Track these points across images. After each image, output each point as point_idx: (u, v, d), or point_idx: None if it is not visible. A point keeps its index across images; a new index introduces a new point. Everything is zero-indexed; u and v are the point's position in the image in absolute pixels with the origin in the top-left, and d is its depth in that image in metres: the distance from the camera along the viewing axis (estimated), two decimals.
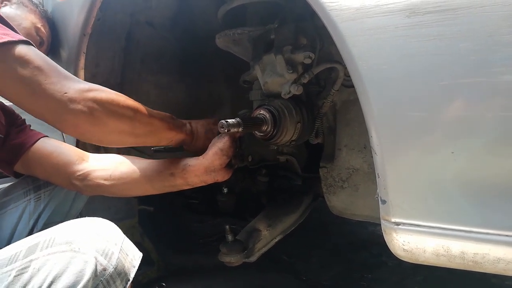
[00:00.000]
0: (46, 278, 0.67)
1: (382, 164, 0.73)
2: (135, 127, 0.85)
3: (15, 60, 0.75)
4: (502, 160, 0.64)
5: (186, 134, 0.98)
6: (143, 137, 0.89)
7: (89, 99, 0.78)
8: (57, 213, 1.14)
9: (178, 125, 0.96)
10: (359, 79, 0.72)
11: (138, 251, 0.83)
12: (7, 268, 0.69)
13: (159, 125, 0.90)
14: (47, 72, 0.77)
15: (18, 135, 1.09)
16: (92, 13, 1.22)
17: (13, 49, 0.75)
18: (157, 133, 0.91)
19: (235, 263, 1.19)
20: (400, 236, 0.74)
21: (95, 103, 0.78)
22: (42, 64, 0.77)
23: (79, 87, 0.79)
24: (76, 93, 0.77)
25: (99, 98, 0.79)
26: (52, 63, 0.79)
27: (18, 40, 0.77)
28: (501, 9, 0.59)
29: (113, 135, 0.84)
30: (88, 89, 0.79)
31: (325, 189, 1.25)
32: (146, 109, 0.88)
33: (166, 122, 0.92)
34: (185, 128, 0.98)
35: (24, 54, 0.76)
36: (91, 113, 0.78)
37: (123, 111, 0.83)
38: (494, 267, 0.67)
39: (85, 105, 0.77)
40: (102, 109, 0.79)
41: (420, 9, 0.64)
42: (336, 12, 0.72)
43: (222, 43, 1.24)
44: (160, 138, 0.93)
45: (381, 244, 0.80)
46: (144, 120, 0.87)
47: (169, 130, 0.93)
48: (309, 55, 1.05)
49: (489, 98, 0.63)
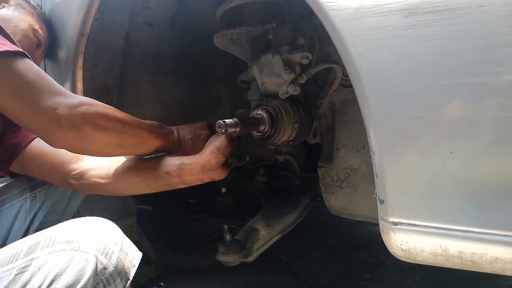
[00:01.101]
0: (47, 277, 0.67)
1: (381, 164, 0.73)
2: (122, 139, 0.87)
3: (9, 72, 0.75)
4: (501, 160, 0.64)
5: (173, 143, 0.99)
6: (130, 148, 0.92)
7: (79, 115, 0.80)
8: (53, 212, 1.14)
9: (166, 133, 0.98)
10: (357, 79, 0.72)
11: (138, 251, 0.83)
12: (8, 266, 0.70)
13: (147, 135, 0.92)
14: (39, 87, 0.77)
15: (13, 135, 1.08)
16: (91, 13, 1.22)
17: (9, 61, 0.76)
18: (145, 143, 0.93)
19: (233, 263, 1.19)
20: (398, 235, 0.74)
21: (84, 119, 0.80)
22: (35, 79, 0.77)
23: (70, 103, 0.80)
24: (66, 110, 0.78)
25: (88, 114, 0.81)
26: (45, 77, 0.80)
27: (13, 51, 0.77)
28: (500, 9, 0.59)
29: (101, 147, 0.87)
30: (79, 104, 0.81)
31: (324, 189, 1.25)
32: (134, 120, 0.90)
33: (154, 132, 0.94)
34: (172, 136, 0.99)
35: (19, 67, 0.76)
36: (80, 129, 0.80)
37: (111, 125, 0.85)
38: (491, 266, 0.67)
39: (74, 122, 0.79)
40: (90, 125, 0.81)
41: (418, 9, 0.64)
42: (334, 12, 0.72)
43: (220, 43, 1.24)
44: (148, 148, 0.94)
45: (379, 244, 0.80)
46: (131, 132, 0.89)
47: (156, 139, 0.94)
48: (307, 55, 1.05)
49: (488, 98, 0.63)
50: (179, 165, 0.95)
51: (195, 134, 1.03)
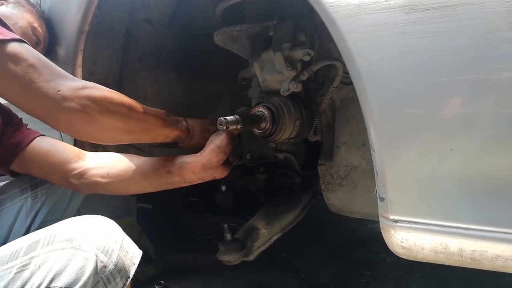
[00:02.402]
0: (47, 275, 0.67)
1: (381, 162, 0.73)
2: (129, 124, 0.85)
3: (8, 58, 0.75)
4: (501, 158, 0.64)
5: (182, 131, 0.97)
6: (138, 134, 0.89)
7: (83, 97, 0.78)
8: (54, 211, 1.14)
9: (173, 121, 0.96)
10: (358, 76, 0.71)
11: (138, 249, 0.83)
12: (8, 265, 0.69)
13: (154, 122, 0.90)
14: (41, 70, 0.76)
15: (14, 134, 1.08)
16: (90, 10, 1.22)
17: (6, 47, 0.75)
18: (152, 130, 0.91)
19: (234, 262, 1.19)
20: (398, 233, 0.74)
21: (89, 101, 0.78)
22: (35, 62, 0.76)
23: (73, 85, 0.78)
24: (70, 91, 0.77)
25: (93, 96, 0.79)
26: (46, 61, 0.79)
27: (11, 38, 0.76)
28: (500, 6, 0.59)
29: (107, 133, 0.84)
30: (82, 86, 0.79)
31: (324, 187, 1.25)
32: (141, 106, 0.88)
33: (161, 119, 0.92)
34: (180, 125, 0.97)
35: (18, 52, 0.76)
36: (85, 111, 0.78)
37: (117, 109, 0.83)
38: (492, 264, 0.67)
39: (79, 103, 0.77)
40: (96, 107, 0.79)
41: (419, 5, 0.64)
42: (334, 9, 0.71)
43: (221, 40, 1.24)
44: (155, 135, 0.93)
45: (379, 241, 0.80)
46: (138, 117, 0.87)
47: (164, 127, 0.92)
48: (308, 52, 1.05)
49: (488, 95, 0.63)
50: (180, 163, 0.95)
51: (204, 128, 1.01)
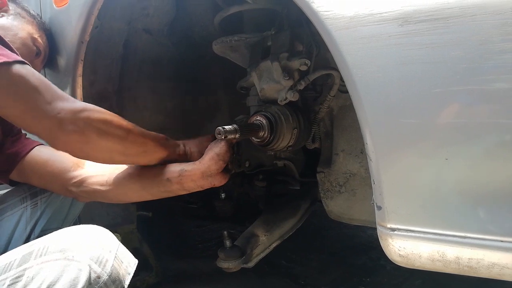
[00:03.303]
0: (40, 287, 0.67)
1: (377, 171, 0.74)
2: (126, 147, 0.88)
3: (12, 80, 0.76)
4: (496, 166, 0.65)
5: (179, 155, 0.99)
6: (134, 157, 0.92)
7: (82, 119, 0.80)
8: (54, 219, 1.14)
9: (171, 145, 0.98)
10: (353, 87, 0.73)
11: (133, 258, 0.83)
12: (1, 277, 0.70)
13: (152, 146, 0.92)
14: (42, 92, 0.78)
15: (13, 144, 1.09)
16: (90, 20, 1.23)
17: (10, 69, 0.77)
18: (149, 153, 0.93)
19: (233, 269, 1.19)
20: (396, 241, 0.74)
21: (87, 123, 0.81)
22: (37, 84, 0.78)
23: (73, 107, 0.81)
24: (69, 114, 0.79)
25: (92, 118, 0.82)
26: (48, 83, 0.81)
27: (13, 60, 0.78)
28: (492, 18, 0.60)
29: (104, 154, 0.87)
30: (81, 109, 0.81)
31: (323, 194, 1.25)
32: (139, 130, 0.90)
33: (159, 143, 0.94)
34: (178, 149, 0.99)
35: (21, 74, 0.78)
36: (83, 133, 0.80)
37: (115, 131, 0.85)
38: (488, 272, 0.67)
39: (77, 125, 0.79)
40: (94, 129, 0.81)
41: (412, 18, 0.65)
42: (330, 21, 0.73)
43: (219, 49, 1.25)
44: (151, 158, 0.94)
45: (379, 248, 0.80)
46: (136, 140, 0.89)
47: (161, 151, 0.94)
48: (305, 62, 1.06)
49: (482, 105, 0.64)
50: (180, 171, 0.95)
51: (201, 147, 1.02)
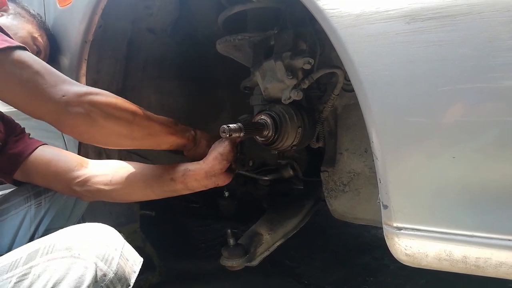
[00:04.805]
0: (46, 285, 0.67)
1: (384, 169, 0.73)
2: (132, 130, 0.87)
3: (15, 65, 0.77)
4: (504, 165, 0.64)
5: (188, 140, 0.98)
6: (140, 140, 0.90)
7: (87, 102, 0.80)
8: (58, 219, 1.14)
9: (180, 130, 0.97)
10: (359, 85, 0.72)
11: (138, 256, 0.83)
12: (8, 274, 0.70)
13: (158, 129, 0.91)
14: (46, 75, 0.79)
15: (16, 144, 1.09)
16: (94, 20, 1.23)
17: (12, 54, 0.77)
18: (156, 136, 0.92)
19: (237, 268, 1.19)
20: (402, 240, 0.74)
21: (93, 106, 0.81)
22: (40, 68, 0.79)
23: (77, 90, 0.81)
24: (74, 96, 0.79)
25: (97, 101, 0.81)
26: (50, 68, 0.81)
27: (16, 45, 0.78)
28: (500, 15, 0.60)
29: (111, 137, 0.86)
30: (86, 92, 0.81)
31: (327, 193, 1.25)
32: (145, 113, 0.89)
33: (167, 127, 0.93)
34: (188, 133, 0.98)
35: (23, 59, 0.78)
36: (89, 115, 0.80)
37: (121, 114, 0.84)
38: (496, 271, 0.67)
39: (83, 108, 0.79)
40: (99, 112, 0.81)
41: (420, 15, 0.65)
42: (336, 19, 0.72)
43: (223, 48, 1.25)
44: (159, 141, 0.94)
45: (383, 247, 0.80)
46: (142, 123, 0.88)
47: (169, 134, 0.93)
48: (309, 60, 1.05)
49: (489, 103, 0.63)
50: (183, 171, 0.95)
51: (211, 140, 1.02)
